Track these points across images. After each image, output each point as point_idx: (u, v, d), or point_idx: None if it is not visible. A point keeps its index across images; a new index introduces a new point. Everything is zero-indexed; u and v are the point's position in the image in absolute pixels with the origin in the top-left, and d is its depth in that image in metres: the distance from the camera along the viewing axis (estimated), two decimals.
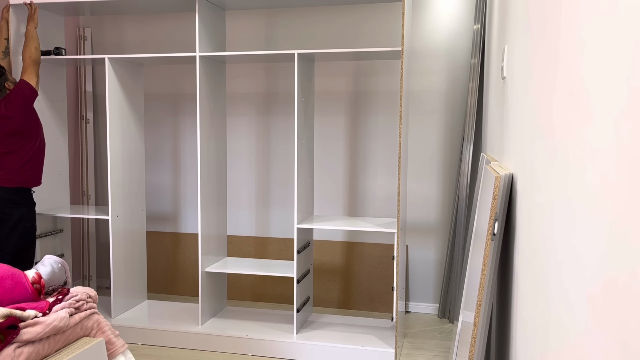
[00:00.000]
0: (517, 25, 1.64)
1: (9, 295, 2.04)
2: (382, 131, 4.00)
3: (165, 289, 4.45)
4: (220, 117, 3.65)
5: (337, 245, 4.12)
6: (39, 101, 3.57)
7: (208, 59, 3.42)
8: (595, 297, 0.71)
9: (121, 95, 3.57)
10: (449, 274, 3.87)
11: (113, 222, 3.49)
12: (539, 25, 1.23)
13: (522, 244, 1.39)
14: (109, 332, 2.23)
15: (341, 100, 4.05)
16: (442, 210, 3.98)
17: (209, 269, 3.47)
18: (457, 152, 3.91)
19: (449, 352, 3.31)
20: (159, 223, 4.45)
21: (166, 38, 4.27)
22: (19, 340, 1.84)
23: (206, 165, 3.46)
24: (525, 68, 1.42)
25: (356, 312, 4.07)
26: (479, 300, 1.53)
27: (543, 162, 1.11)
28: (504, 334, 1.70)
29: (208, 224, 3.51)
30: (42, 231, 3.65)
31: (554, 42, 1.04)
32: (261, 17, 4.10)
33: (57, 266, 2.31)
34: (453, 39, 3.86)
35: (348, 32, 3.98)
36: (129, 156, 3.67)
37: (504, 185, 1.55)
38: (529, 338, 1.23)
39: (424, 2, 3.88)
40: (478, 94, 3.72)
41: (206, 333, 3.37)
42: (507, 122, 1.82)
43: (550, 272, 1.01)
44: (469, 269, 2.09)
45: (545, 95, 1.11)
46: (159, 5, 3.52)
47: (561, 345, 0.89)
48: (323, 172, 4.10)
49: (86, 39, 4.35)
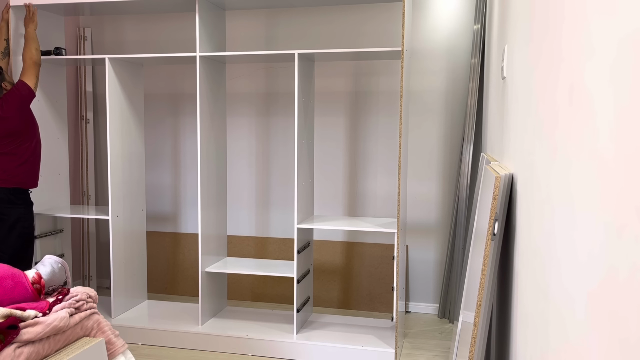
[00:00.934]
0: (517, 25, 1.64)
1: (9, 295, 2.04)
2: (382, 131, 4.00)
3: (165, 289, 4.45)
4: (220, 117, 3.65)
5: (337, 245, 4.12)
6: (39, 101, 3.57)
7: (208, 59, 3.42)
8: (596, 296, 0.71)
9: (121, 95, 3.57)
10: (449, 274, 3.87)
11: (113, 222, 3.50)
12: (539, 24, 1.23)
13: (522, 244, 1.39)
14: (109, 332, 2.23)
15: (341, 100, 4.05)
16: (442, 210, 3.98)
17: (209, 269, 3.47)
18: (457, 152, 3.91)
19: (449, 352, 3.31)
20: (159, 223, 4.45)
21: (166, 38, 4.27)
22: (19, 340, 1.84)
23: (206, 165, 3.46)
24: (526, 68, 1.42)
25: (356, 312, 4.07)
26: (479, 300, 1.53)
27: (543, 162, 1.11)
28: (504, 334, 1.70)
29: (208, 224, 3.51)
30: (42, 231, 3.65)
31: (555, 42, 1.04)
32: (261, 17, 4.10)
33: (57, 266, 2.31)
34: (453, 39, 3.86)
35: (348, 32, 3.98)
36: (129, 156, 3.67)
37: (504, 185, 1.55)
38: (529, 338, 1.23)
39: (424, 2, 3.88)
40: (478, 94, 3.72)
41: (206, 333, 3.37)
42: (507, 122, 1.82)
43: (550, 272, 1.01)
44: (469, 269, 2.09)
45: (545, 94, 1.11)
46: (159, 5, 3.52)
47: (561, 344, 0.89)
48: (323, 172, 4.10)
49: (86, 39, 4.35)
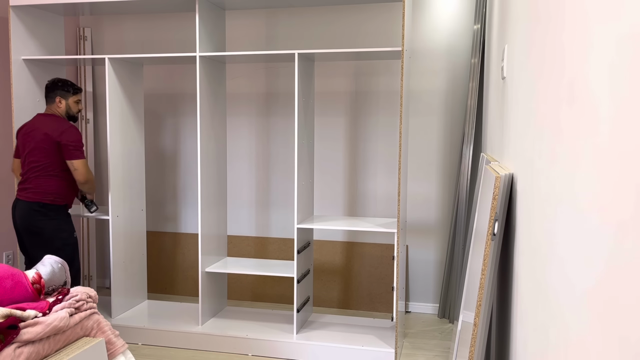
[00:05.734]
0: (517, 25, 1.64)
1: (9, 295, 2.04)
2: (382, 131, 3.99)
3: (165, 289, 4.45)
4: (220, 117, 3.65)
5: (337, 245, 4.12)
6: (39, 101, 3.57)
7: (208, 59, 3.42)
8: (596, 295, 0.71)
9: (121, 95, 3.57)
10: (449, 274, 3.87)
11: (113, 222, 3.49)
12: (538, 24, 1.23)
13: (522, 244, 1.39)
14: (109, 332, 2.23)
15: (341, 100, 4.05)
16: (442, 210, 3.98)
17: (209, 269, 3.47)
18: (457, 152, 3.91)
19: (449, 352, 3.31)
20: (159, 223, 4.45)
21: (166, 38, 4.27)
22: (19, 340, 1.84)
23: (206, 165, 3.46)
24: (526, 67, 1.42)
25: (356, 312, 4.07)
26: (479, 300, 1.53)
27: (543, 161, 1.11)
28: (504, 334, 1.70)
29: (208, 224, 3.51)
30: None
31: (555, 41, 1.04)
32: (261, 17, 4.10)
33: (57, 266, 2.31)
34: (453, 39, 3.86)
35: (348, 32, 3.98)
36: (129, 156, 3.67)
37: (504, 185, 1.55)
38: (528, 338, 1.23)
39: (424, 2, 3.87)
40: (478, 94, 3.72)
41: (206, 333, 3.37)
42: (507, 122, 1.82)
43: (550, 272, 1.01)
44: (469, 269, 2.09)
45: (545, 94, 1.11)
46: (159, 5, 3.52)
47: (561, 345, 0.89)
48: (323, 172, 4.10)
49: (86, 39, 4.35)
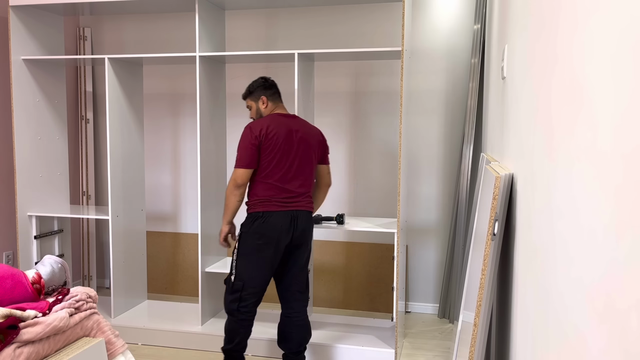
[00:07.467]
0: (517, 25, 1.64)
1: (9, 295, 2.04)
2: (382, 131, 3.99)
3: (165, 289, 4.45)
4: (220, 117, 3.65)
5: (337, 245, 4.12)
6: (39, 101, 3.57)
7: (208, 59, 3.42)
8: (596, 295, 0.71)
9: (121, 95, 3.57)
10: (449, 274, 3.87)
11: (113, 222, 3.49)
12: (538, 23, 1.23)
13: (522, 244, 1.39)
14: (109, 332, 2.23)
15: (341, 100, 4.05)
16: (442, 210, 3.98)
17: (209, 269, 3.47)
18: (457, 152, 3.91)
19: (449, 352, 3.31)
20: (159, 223, 4.45)
21: (166, 38, 4.27)
22: (19, 340, 1.84)
23: (206, 165, 3.46)
24: (525, 67, 1.42)
25: (356, 312, 4.06)
26: (479, 300, 1.53)
27: (543, 161, 1.11)
28: (504, 334, 1.70)
29: (208, 224, 3.51)
30: (42, 231, 3.65)
31: (553, 40, 1.04)
32: (261, 17, 4.10)
33: (57, 266, 2.31)
34: (453, 39, 3.86)
35: (348, 32, 3.98)
36: (129, 156, 3.67)
37: (504, 185, 1.55)
38: (529, 338, 1.23)
39: (424, 2, 3.87)
40: (478, 94, 3.72)
41: (206, 333, 3.37)
42: (507, 122, 1.82)
43: (550, 272, 1.01)
44: (469, 269, 2.09)
45: (545, 94, 1.11)
46: (159, 5, 3.52)
47: (562, 345, 0.89)
48: None
49: (86, 39, 4.35)
